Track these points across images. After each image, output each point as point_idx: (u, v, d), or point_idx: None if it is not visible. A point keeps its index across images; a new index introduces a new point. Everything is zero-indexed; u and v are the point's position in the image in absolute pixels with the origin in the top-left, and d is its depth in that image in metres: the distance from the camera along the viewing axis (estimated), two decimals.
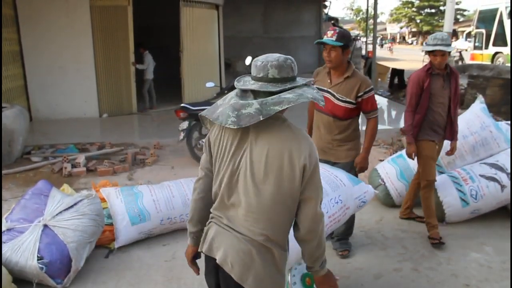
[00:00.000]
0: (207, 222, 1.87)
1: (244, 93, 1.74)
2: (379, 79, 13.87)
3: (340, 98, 3.22)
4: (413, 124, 3.69)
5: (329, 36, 3.11)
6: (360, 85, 3.19)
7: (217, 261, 1.74)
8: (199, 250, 1.88)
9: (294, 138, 1.68)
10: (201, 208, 1.92)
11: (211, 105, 5.63)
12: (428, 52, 3.59)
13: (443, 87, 3.63)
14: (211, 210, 1.85)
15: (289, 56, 1.75)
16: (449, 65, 3.69)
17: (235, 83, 1.81)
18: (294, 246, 2.31)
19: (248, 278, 1.70)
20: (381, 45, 41.71)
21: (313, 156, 1.69)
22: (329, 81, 3.27)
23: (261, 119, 1.59)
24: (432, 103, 3.64)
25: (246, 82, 1.77)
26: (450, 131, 3.75)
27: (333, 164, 3.32)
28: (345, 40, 3.10)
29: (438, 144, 3.82)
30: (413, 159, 3.77)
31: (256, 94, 1.71)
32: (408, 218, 4.20)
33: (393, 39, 48.59)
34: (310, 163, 1.67)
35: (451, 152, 3.87)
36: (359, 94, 3.20)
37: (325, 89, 3.27)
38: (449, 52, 3.57)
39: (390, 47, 38.97)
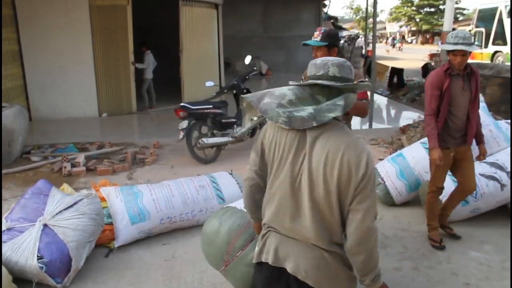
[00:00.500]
0: (264, 232, 1.79)
1: (302, 89, 1.72)
2: (378, 78, 13.88)
3: None
4: (435, 127, 3.44)
5: (315, 37, 3.16)
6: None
7: (288, 271, 1.69)
8: (256, 260, 1.81)
9: (352, 145, 1.64)
10: (256, 199, 1.88)
11: (211, 104, 5.66)
12: (448, 52, 3.39)
13: (463, 88, 3.39)
14: (266, 221, 1.77)
15: (345, 60, 1.77)
16: (469, 65, 3.44)
17: (290, 82, 1.79)
18: None
19: (324, 283, 1.68)
20: (393, 45, 41.46)
21: (370, 165, 1.64)
22: None
23: (314, 124, 1.61)
24: (451, 106, 3.41)
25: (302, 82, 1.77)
26: (472, 135, 3.50)
27: None
28: (331, 39, 3.12)
29: (454, 150, 3.56)
30: (439, 164, 3.51)
31: (314, 91, 1.70)
32: (442, 226, 3.88)
33: (403, 38, 48.51)
34: (366, 172, 1.62)
35: (482, 157, 3.64)
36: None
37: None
38: (470, 52, 3.33)
39: (400, 47, 38.78)
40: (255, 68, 7.83)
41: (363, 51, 18.85)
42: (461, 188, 3.67)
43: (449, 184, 4.06)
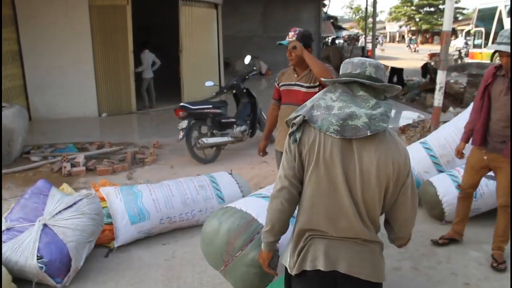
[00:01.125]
0: (305, 239, 1.80)
1: (344, 93, 1.74)
2: None
3: (309, 86, 3.28)
4: (471, 122, 3.35)
5: (290, 37, 3.30)
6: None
7: (341, 271, 1.74)
8: (298, 270, 1.80)
9: (399, 146, 1.75)
10: (284, 220, 1.84)
11: (211, 104, 5.65)
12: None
13: (503, 91, 3.15)
14: (308, 227, 1.78)
15: None
16: None
17: (331, 81, 1.81)
18: None
19: (375, 273, 1.78)
20: (409, 46, 40.97)
21: (410, 161, 1.79)
22: (295, 75, 3.37)
23: (369, 134, 1.64)
24: (491, 108, 3.23)
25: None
26: (509, 146, 3.14)
27: None
28: (305, 40, 3.24)
29: (487, 154, 3.33)
30: (459, 158, 3.49)
31: (353, 88, 1.74)
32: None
33: (402, 37, 48.39)
34: (410, 169, 1.78)
35: None
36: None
37: (293, 82, 3.37)
38: None
39: (415, 48, 37.05)
40: (254, 68, 7.84)
41: (364, 51, 18.85)
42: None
43: (449, 183, 4.07)
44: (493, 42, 16.23)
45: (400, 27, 53.65)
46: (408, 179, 1.77)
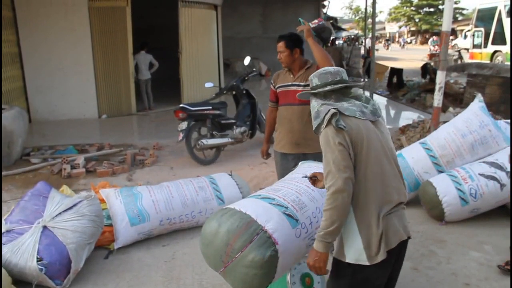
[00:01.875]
0: (381, 222, 1.91)
1: (339, 94, 2.10)
2: (377, 79, 13.87)
3: (305, 84, 3.35)
4: None
5: (312, 23, 3.45)
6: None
7: (406, 238, 2.00)
8: (384, 256, 1.90)
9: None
10: (346, 214, 1.90)
11: (210, 105, 5.78)
12: None
13: None
14: (375, 209, 1.91)
15: None
16: None
17: (326, 87, 2.09)
18: (295, 247, 2.31)
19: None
20: (403, 46, 40.46)
21: None
22: (291, 76, 3.46)
23: (377, 119, 2.07)
24: None
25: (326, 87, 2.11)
26: None
27: (303, 156, 3.37)
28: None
29: None
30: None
31: (344, 92, 2.12)
32: None
33: (399, 37, 48.19)
34: None
35: None
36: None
37: (289, 83, 3.45)
38: None
39: (436, 50, 34.44)
40: (254, 69, 7.84)
41: (362, 51, 18.85)
42: None
43: (449, 184, 4.07)
44: (493, 42, 16.27)
45: (400, 27, 53.62)
46: None
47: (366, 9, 14.88)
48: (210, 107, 6.13)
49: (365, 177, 1.92)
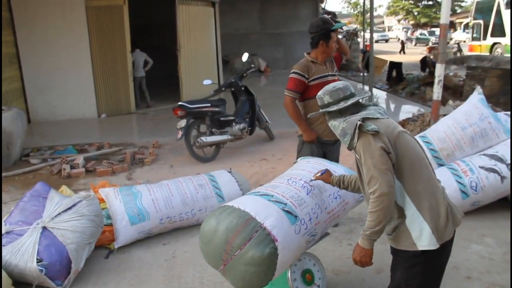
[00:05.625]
0: (441, 203, 2.03)
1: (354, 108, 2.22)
2: (375, 73, 13.82)
3: (335, 74, 3.73)
4: None
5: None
6: (334, 59, 3.81)
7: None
8: (451, 235, 2.07)
9: None
10: (391, 212, 2.03)
11: (209, 102, 5.82)
12: None
13: None
14: (433, 188, 2.04)
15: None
16: None
17: (350, 102, 2.19)
18: (294, 243, 2.30)
19: None
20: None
21: None
22: (324, 67, 3.61)
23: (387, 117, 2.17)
24: None
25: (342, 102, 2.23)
26: None
27: (335, 142, 3.69)
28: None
29: None
30: None
31: (357, 105, 2.24)
32: None
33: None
34: None
35: None
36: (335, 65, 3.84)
37: (327, 73, 3.62)
38: None
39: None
40: (252, 65, 7.83)
41: (361, 46, 18.80)
42: None
43: (449, 177, 4.06)
44: (492, 35, 16.22)
45: (399, 21, 53.45)
46: None
47: (364, 2, 14.83)
48: (209, 105, 6.11)
49: (411, 165, 2.01)
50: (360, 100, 2.23)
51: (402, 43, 28.32)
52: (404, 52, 26.34)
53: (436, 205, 2.01)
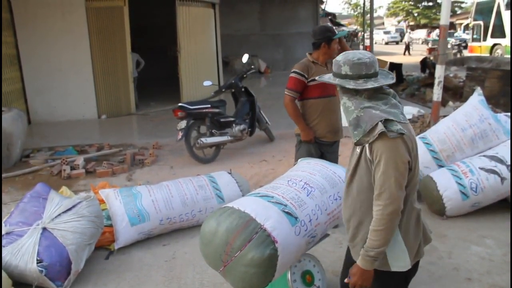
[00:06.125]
0: (420, 223, 1.97)
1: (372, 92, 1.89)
2: None
3: None
4: None
5: (339, 29, 3.51)
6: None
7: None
8: (421, 254, 2.02)
9: None
10: None
11: (209, 103, 5.79)
12: None
13: None
14: (420, 218, 1.98)
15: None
16: None
17: (370, 85, 1.85)
18: (294, 244, 2.30)
19: None
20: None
21: None
22: (325, 68, 3.60)
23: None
24: None
25: (362, 82, 1.87)
26: None
27: (333, 143, 3.75)
28: None
29: None
30: None
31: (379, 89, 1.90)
32: None
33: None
34: None
35: None
36: None
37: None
38: None
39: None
40: (252, 66, 7.83)
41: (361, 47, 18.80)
42: None
43: (449, 178, 4.06)
44: (492, 36, 16.22)
45: (399, 22, 53.46)
46: None
47: (364, 4, 14.83)
48: (209, 106, 6.11)
49: (410, 186, 1.84)
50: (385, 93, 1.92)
51: (407, 44, 28.52)
52: (409, 53, 26.37)
53: (415, 225, 1.93)
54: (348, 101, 1.87)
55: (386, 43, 35.09)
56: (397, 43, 33.20)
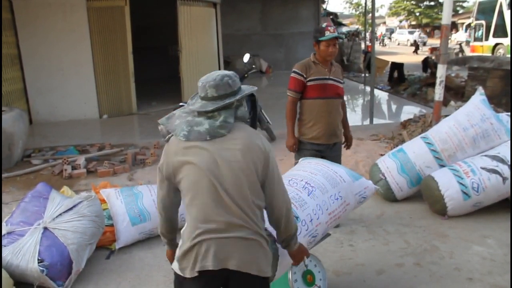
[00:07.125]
0: (192, 241, 1.91)
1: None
2: (377, 73, 13.81)
3: (339, 81, 3.64)
4: None
5: (332, 31, 3.46)
6: (341, 68, 3.79)
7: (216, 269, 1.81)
8: (190, 273, 1.86)
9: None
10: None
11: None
12: None
13: None
14: (196, 226, 1.98)
15: (227, 73, 1.89)
16: None
17: (188, 101, 1.99)
18: None
19: (267, 268, 1.89)
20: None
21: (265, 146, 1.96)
22: (326, 70, 3.56)
23: (208, 139, 1.81)
24: None
25: (194, 102, 1.95)
26: None
27: (333, 145, 3.68)
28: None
29: None
30: None
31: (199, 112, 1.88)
32: None
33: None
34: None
35: None
36: (343, 75, 3.80)
37: (326, 77, 3.56)
38: None
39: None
40: (253, 66, 7.82)
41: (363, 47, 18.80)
42: None
43: (451, 178, 4.05)
44: (494, 35, 16.20)
45: (400, 21, 53.41)
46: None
47: (365, 3, 14.81)
48: None
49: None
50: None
51: (416, 44, 29.20)
52: (417, 53, 26.74)
53: (189, 240, 1.93)
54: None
55: (411, 45, 33.28)
56: (424, 44, 32.72)
